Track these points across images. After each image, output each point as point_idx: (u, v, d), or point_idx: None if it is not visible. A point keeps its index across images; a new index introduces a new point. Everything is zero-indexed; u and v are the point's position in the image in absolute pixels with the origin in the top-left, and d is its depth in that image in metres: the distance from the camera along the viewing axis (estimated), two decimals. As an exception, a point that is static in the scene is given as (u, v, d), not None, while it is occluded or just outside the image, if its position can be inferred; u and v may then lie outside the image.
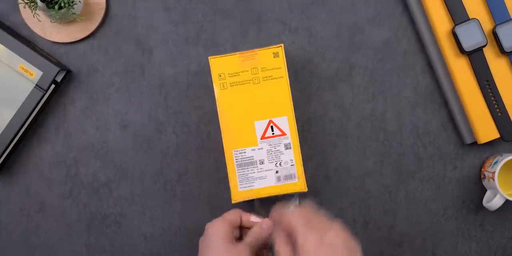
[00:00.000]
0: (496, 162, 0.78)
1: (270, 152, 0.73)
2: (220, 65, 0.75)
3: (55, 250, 0.83)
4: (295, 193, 0.76)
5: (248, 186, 0.73)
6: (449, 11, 0.79)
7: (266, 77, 0.74)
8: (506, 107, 0.80)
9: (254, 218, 0.71)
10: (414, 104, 0.83)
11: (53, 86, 0.81)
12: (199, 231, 0.82)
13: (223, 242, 0.66)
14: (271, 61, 0.74)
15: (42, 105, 0.81)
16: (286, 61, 0.83)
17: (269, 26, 0.83)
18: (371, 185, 0.83)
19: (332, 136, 0.83)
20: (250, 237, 0.68)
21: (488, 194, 0.80)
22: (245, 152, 0.73)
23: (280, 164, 0.73)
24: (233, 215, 0.70)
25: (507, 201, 0.81)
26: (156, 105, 0.83)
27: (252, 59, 0.74)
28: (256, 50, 0.74)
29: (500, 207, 0.82)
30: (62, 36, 0.82)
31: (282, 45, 0.74)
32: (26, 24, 0.82)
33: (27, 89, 0.78)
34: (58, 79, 0.82)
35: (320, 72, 0.83)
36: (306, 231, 0.62)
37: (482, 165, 0.83)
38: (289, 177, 0.73)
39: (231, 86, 0.75)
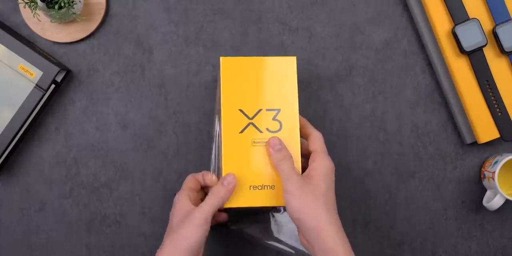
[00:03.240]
0: (496, 162, 0.78)
1: None
2: None
3: (55, 250, 0.83)
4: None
5: None
6: (449, 11, 0.79)
7: None
8: (506, 107, 0.80)
9: (207, 175, 0.76)
10: (414, 104, 0.83)
11: (53, 86, 0.81)
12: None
13: (183, 211, 0.71)
14: None
15: (42, 105, 0.81)
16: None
17: (269, 26, 0.83)
18: (371, 185, 0.83)
19: (332, 136, 0.83)
20: (206, 200, 0.71)
21: (488, 194, 0.80)
22: None
23: None
24: (189, 182, 0.75)
25: (507, 201, 0.81)
26: (156, 105, 0.83)
27: None
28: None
29: (500, 207, 0.82)
30: (62, 36, 0.82)
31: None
32: (26, 24, 0.82)
33: (27, 89, 0.78)
34: (58, 79, 0.82)
35: (320, 72, 0.83)
36: (326, 158, 0.71)
37: (482, 165, 0.83)
38: None
39: None
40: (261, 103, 0.73)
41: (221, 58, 0.73)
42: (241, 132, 0.72)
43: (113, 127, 0.83)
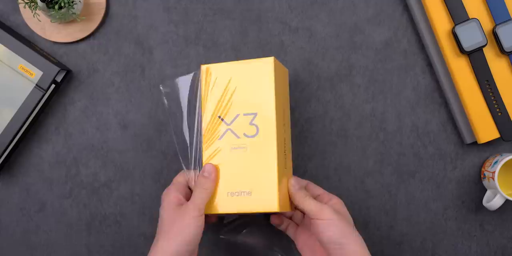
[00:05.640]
0: (496, 162, 0.78)
1: None
2: None
3: (55, 250, 0.83)
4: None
5: None
6: (449, 11, 0.79)
7: None
8: (506, 107, 0.80)
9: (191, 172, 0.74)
10: (414, 104, 0.83)
11: (53, 86, 0.81)
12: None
13: (173, 205, 0.70)
14: None
15: (42, 105, 0.81)
16: (287, 60, 0.83)
17: (269, 26, 0.83)
18: (371, 185, 0.83)
19: (332, 136, 0.83)
20: (194, 194, 0.70)
21: (488, 194, 0.80)
22: None
23: None
24: (180, 177, 0.74)
25: (507, 201, 0.81)
26: (156, 105, 0.83)
27: None
28: None
29: (500, 207, 0.82)
30: (62, 36, 0.82)
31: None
32: (26, 24, 0.82)
33: (27, 89, 0.78)
34: (58, 79, 0.82)
35: (320, 72, 0.83)
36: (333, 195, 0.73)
37: (482, 165, 0.83)
38: None
39: None
40: (239, 108, 0.72)
41: (201, 66, 0.74)
42: (220, 138, 0.72)
43: (113, 127, 0.83)
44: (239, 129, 0.72)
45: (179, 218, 0.68)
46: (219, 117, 0.73)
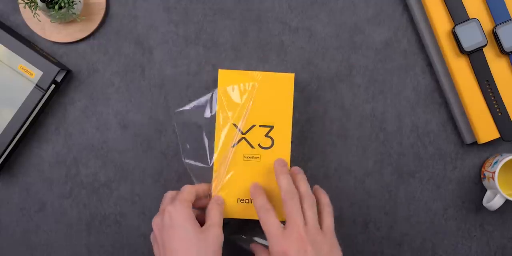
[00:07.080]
0: (496, 162, 0.78)
1: None
2: None
3: (55, 250, 0.83)
4: None
5: None
6: (449, 11, 0.79)
7: None
8: (506, 107, 0.80)
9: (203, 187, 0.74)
10: (414, 104, 0.83)
11: (53, 86, 0.81)
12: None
13: (194, 230, 0.66)
14: None
15: (42, 105, 0.81)
16: (287, 60, 0.83)
17: (269, 26, 0.83)
18: (371, 185, 0.83)
19: (332, 136, 0.83)
20: (216, 213, 0.69)
21: (488, 194, 0.80)
22: None
23: None
24: (188, 195, 0.70)
25: (507, 201, 0.81)
26: (156, 105, 0.83)
27: None
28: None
29: (500, 207, 0.82)
30: (62, 36, 0.82)
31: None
32: (26, 24, 0.82)
33: (27, 89, 0.78)
34: (58, 79, 0.82)
35: (320, 72, 0.83)
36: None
37: (482, 165, 0.83)
38: None
39: None
40: (255, 119, 0.75)
41: (219, 70, 0.75)
42: (233, 146, 0.74)
43: (113, 127, 0.83)
44: (254, 139, 0.75)
45: (204, 239, 0.66)
46: (234, 124, 0.74)
